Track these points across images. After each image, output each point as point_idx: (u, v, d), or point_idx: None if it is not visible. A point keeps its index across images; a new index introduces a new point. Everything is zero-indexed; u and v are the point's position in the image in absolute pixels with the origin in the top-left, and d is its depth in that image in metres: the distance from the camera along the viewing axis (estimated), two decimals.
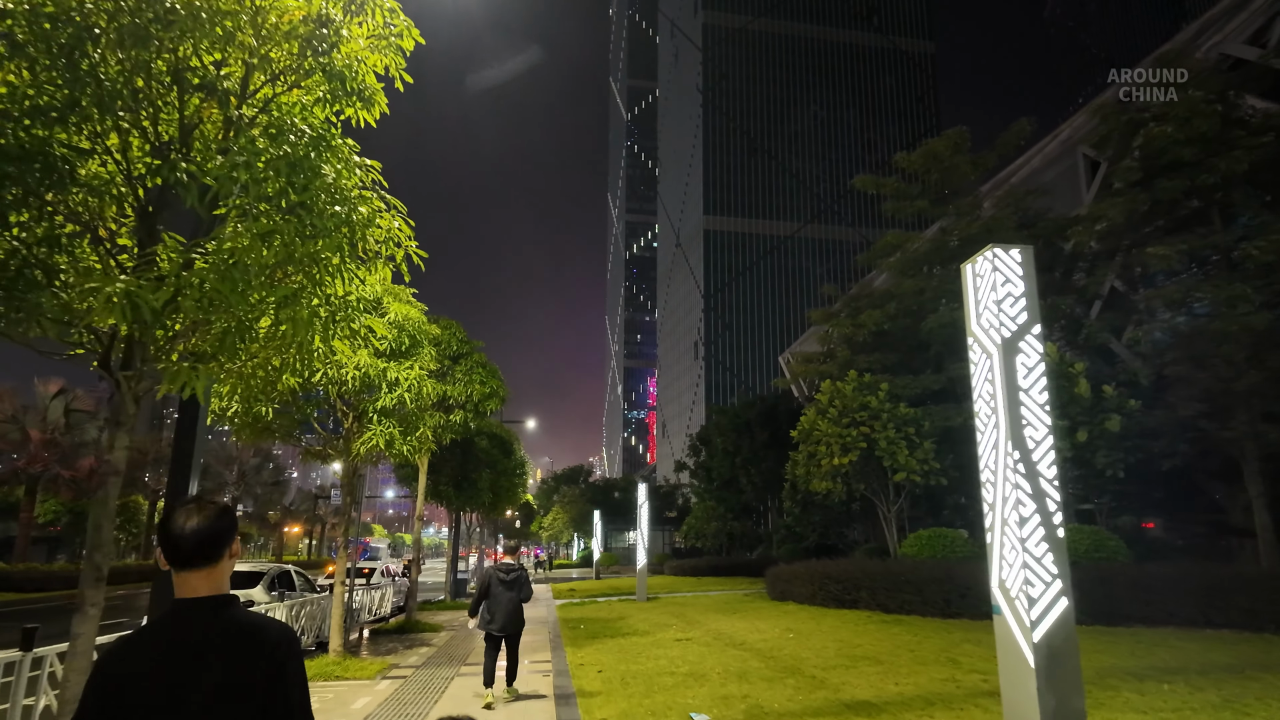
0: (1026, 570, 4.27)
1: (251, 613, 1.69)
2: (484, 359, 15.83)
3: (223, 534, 1.67)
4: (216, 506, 1.71)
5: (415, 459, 10.19)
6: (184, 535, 1.62)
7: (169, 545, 1.62)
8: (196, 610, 1.60)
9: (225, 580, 1.69)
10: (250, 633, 1.60)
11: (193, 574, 1.62)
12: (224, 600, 1.65)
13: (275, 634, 1.62)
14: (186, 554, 1.61)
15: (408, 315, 9.99)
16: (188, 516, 1.65)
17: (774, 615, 13.68)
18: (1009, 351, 4.63)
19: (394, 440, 9.60)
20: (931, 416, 17.08)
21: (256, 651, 1.58)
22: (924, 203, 18.30)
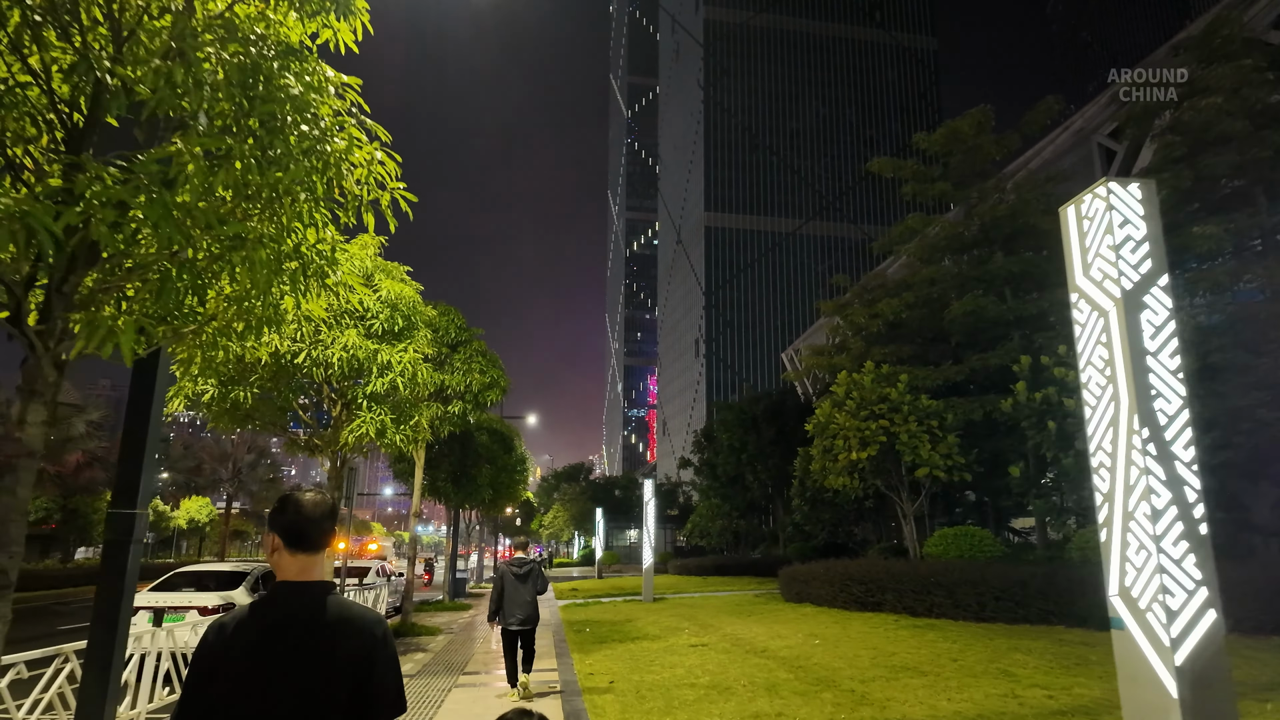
0: (1163, 575, 3.44)
1: (347, 600, 1.77)
2: (484, 347, 14.98)
3: (329, 517, 1.80)
4: (332, 498, 1.84)
5: (410, 451, 9.33)
6: (311, 519, 1.75)
7: (293, 528, 1.73)
8: (298, 593, 1.71)
9: (324, 568, 1.81)
10: (346, 618, 1.70)
11: (306, 557, 1.74)
12: (325, 586, 1.75)
13: (369, 621, 1.73)
14: (311, 538, 1.74)
15: (401, 294, 9.13)
16: (314, 502, 1.78)
17: (793, 619, 12.84)
18: (1132, 306, 3.78)
19: (386, 429, 8.75)
20: (954, 409, 16.24)
21: (351, 636, 1.67)
22: (945, 185, 17.45)
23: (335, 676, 1.63)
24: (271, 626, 1.65)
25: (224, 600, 9.72)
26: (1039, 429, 13.80)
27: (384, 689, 1.68)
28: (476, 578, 33.64)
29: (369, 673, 1.67)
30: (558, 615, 16.38)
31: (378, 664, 1.69)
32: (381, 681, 1.68)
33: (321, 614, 1.68)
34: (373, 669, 1.68)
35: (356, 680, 1.65)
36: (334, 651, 1.65)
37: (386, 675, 1.70)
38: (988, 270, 16.61)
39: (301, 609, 1.68)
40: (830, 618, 12.61)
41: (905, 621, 11.52)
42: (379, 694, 1.67)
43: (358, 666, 1.66)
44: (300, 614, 1.67)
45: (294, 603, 1.69)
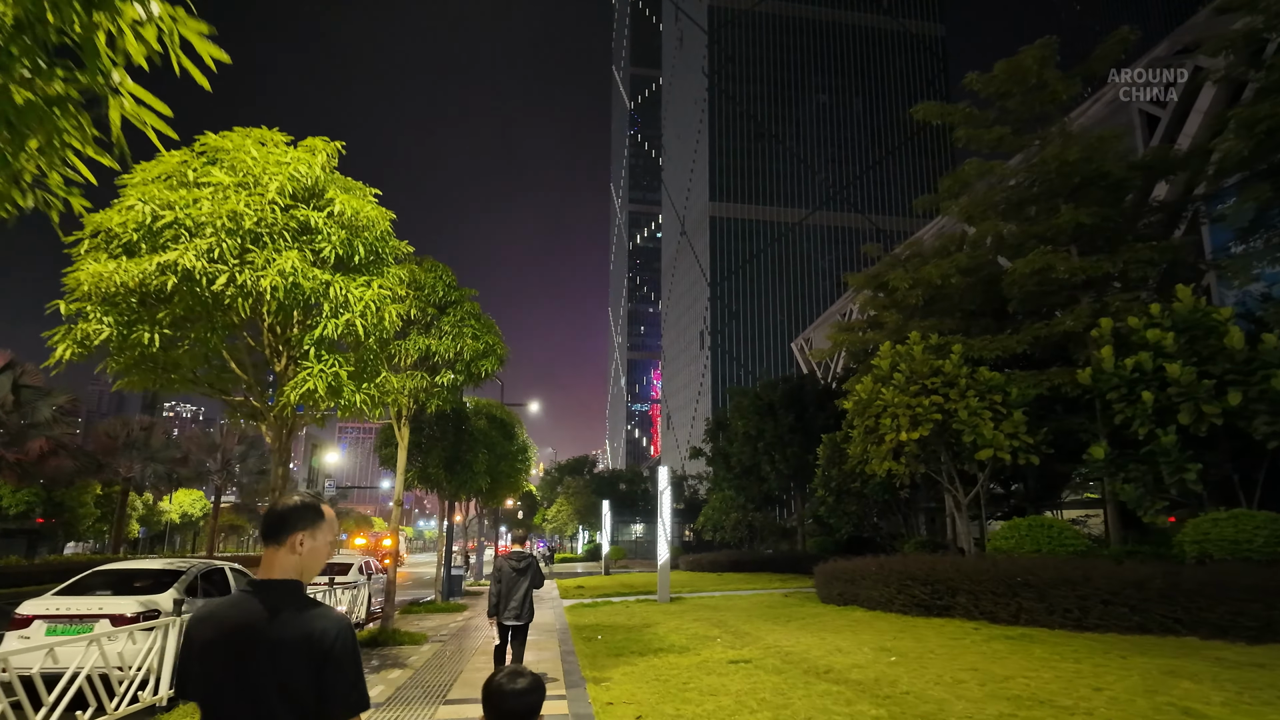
0: None
1: (311, 601, 1.81)
2: (477, 309, 12.92)
3: (286, 518, 1.84)
4: (300, 498, 1.92)
5: (374, 415, 7.26)
6: (271, 512, 1.87)
7: (263, 522, 1.89)
8: (259, 588, 1.78)
9: (295, 567, 1.83)
10: (303, 616, 1.74)
11: (268, 551, 1.83)
12: (288, 584, 1.80)
13: (325, 619, 1.76)
14: (268, 532, 1.84)
15: (360, 212, 7.05)
16: (283, 501, 1.90)
17: (846, 626, 10.78)
18: None
19: (341, 386, 6.68)
20: (1017, 382, 14.16)
21: (303, 632, 1.71)
22: (1004, 130, 15.31)
23: (282, 671, 1.67)
24: (225, 621, 1.72)
25: (146, 606, 7.70)
26: (1129, 402, 11.73)
27: (338, 686, 1.70)
28: (476, 575, 31.63)
29: (323, 669, 1.69)
30: (563, 618, 14.36)
31: (332, 660, 1.71)
32: (335, 678, 1.70)
33: (277, 611, 1.73)
34: (326, 665, 1.70)
35: (313, 675, 1.68)
36: (284, 647, 1.68)
37: (340, 672, 1.71)
38: (1053, 225, 14.50)
39: (254, 604, 1.73)
40: (892, 625, 10.54)
41: (990, 631, 9.45)
42: (334, 691, 1.70)
43: (311, 662, 1.69)
44: (252, 609, 1.72)
45: (250, 598, 1.75)
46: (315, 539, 1.88)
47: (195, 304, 6.24)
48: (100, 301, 6.06)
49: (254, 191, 6.35)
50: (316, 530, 1.88)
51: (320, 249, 6.74)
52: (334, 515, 1.99)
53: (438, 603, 17.73)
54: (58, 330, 6.24)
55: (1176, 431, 11.03)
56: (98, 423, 34.43)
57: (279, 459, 7.25)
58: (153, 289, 6.00)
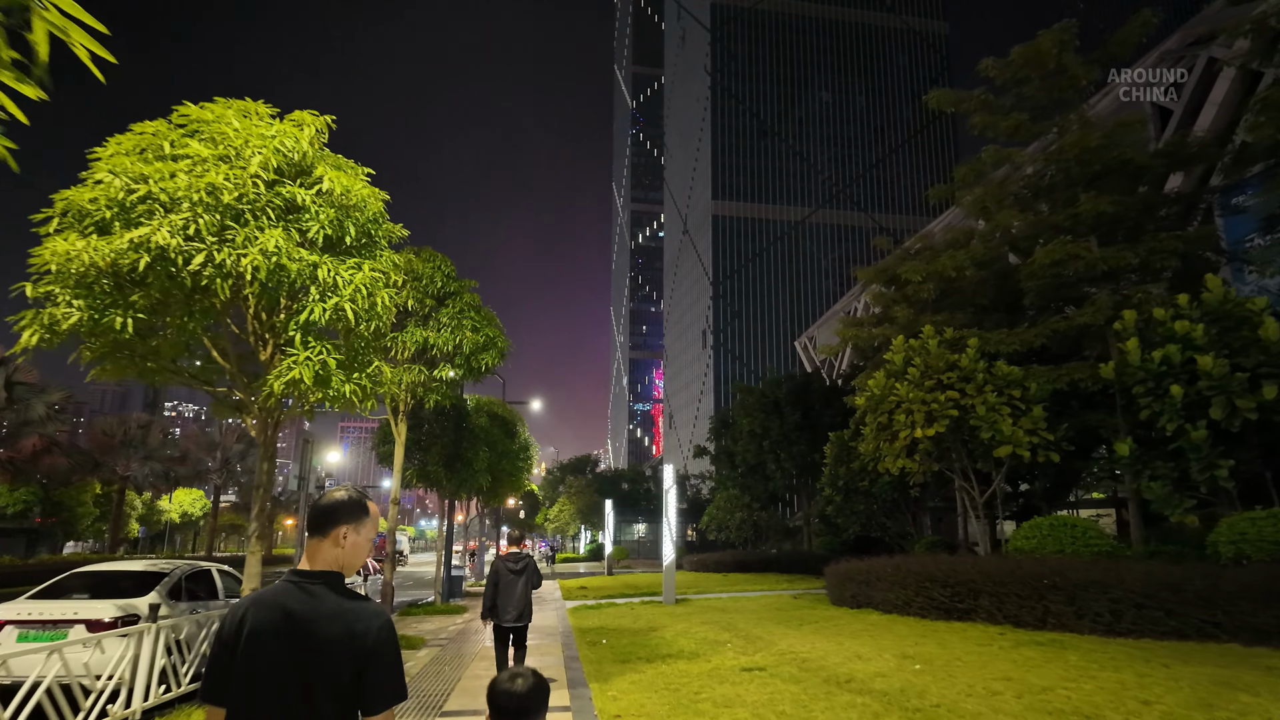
0: None
1: (353, 594, 1.85)
2: (477, 301, 12.47)
3: (331, 512, 1.88)
4: (346, 492, 1.95)
5: (366, 408, 6.80)
6: (315, 506, 1.92)
7: (309, 517, 1.93)
8: (301, 580, 1.81)
9: (336, 560, 1.87)
10: (344, 608, 1.77)
11: (310, 543, 1.88)
12: (330, 576, 1.83)
13: (368, 612, 1.79)
14: (312, 523, 1.89)
15: (351, 191, 6.59)
16: (328, 494, 1.95)
17: (863, 631, 10.31)
18: None
19: (330, 375, 6.22)
20: (1036, 377, 13.67)
21: (344, 625, 1.73)
22: (1021, 116, 14.81)
23: (326, 663, 1.69)
24: (273, 609, 1.74)
25: (125, 611, 7.26)
26: (1157, 396, 11.24)
27: (379, 680, 1.73)
28: (478, 575, 31.19)
29: (365, 663, 1.72)
30: (566, 621, 13.90)
31: (374, 655, 1.73)
32: (376, 673, 1.73)
33: (322, 602, 1.76)
34: (369, 660, 1.72)
35: (355, 669, 1.71)
36: (328, 639, 1.70)
37: (381, 666, 1.74)
38: (1071, 215, 14.02)
39: (299, 595, 1.77)
40: (911, 629, 10.06)
41: (1017, 636, 8.97)
42: (375, 684, 1.72)
43: (354, 656, 1.71)
44: (298, 599, 1.76)
45: (294, 588, 1.79)
46: (359, 533, 1.92)
47: (171, 286, 5.78)
48: (70, 284, 5.61)
49: (235, 165, 5.90)
50: (361, 525, 1.92)
51: (308, 229, 6.28)
52: (378, 511, 2.00)
53: (437, 604, 17.28)
54: (24, 314, 5.79)
55: (1206, 427, 10.55)
56: (95, 420, 34.07)
57: (264, 453, 6.79)
58: (125, 269, 5.55)
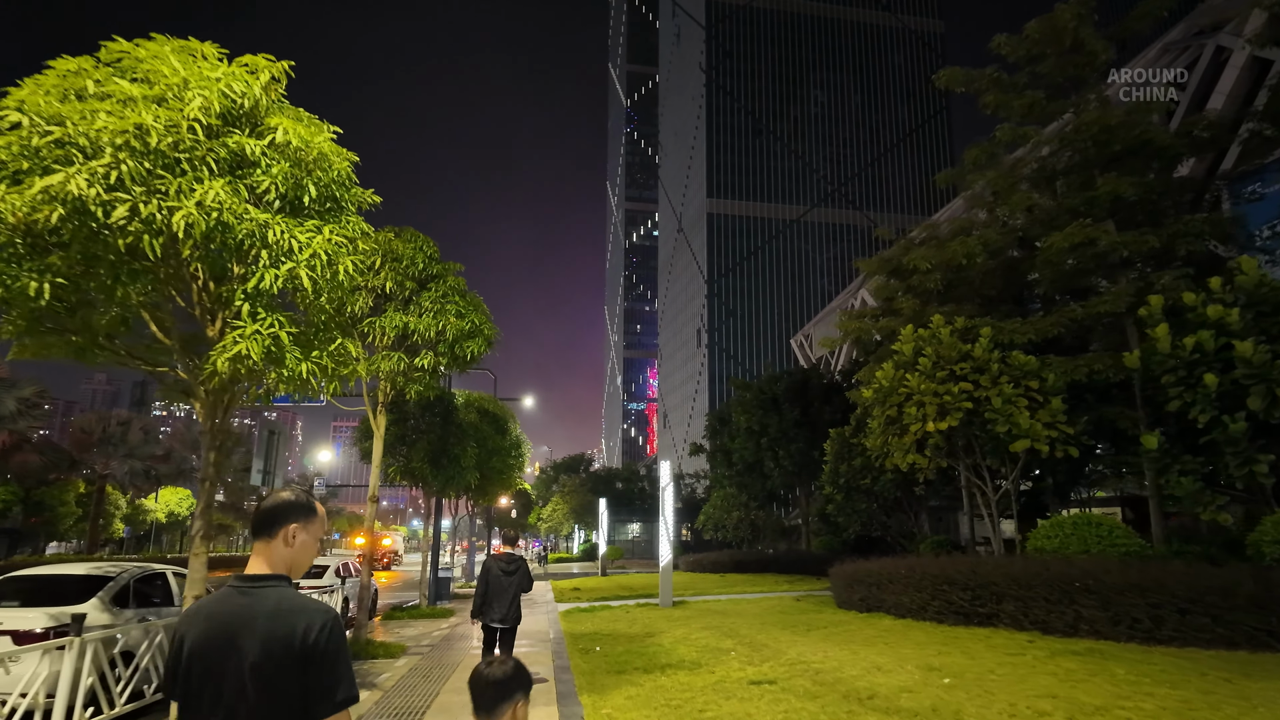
0: None
1: (295, 592, 1.81)
2: (462, 285, 11.65)
3: (279, 511, 1.85)
4: (291, 493, 1.91)
5: (327, 390, 6.00)
6: (260, 509, 1.90)
7: (253, 521, 1.91)
8: (244, 585, 1.77)
9: (286, 560, 1.84)
10: (287, 609, 1.71)
11: (258, 545, 1.84)
12: (269, 579, 1.79)
13: (310, 611, 1.73)
14: (257, 527, 1.86)
15: (311, 144, 5.78)
16: (273, 496, 1.91)
17: (878, 638, 9.56)
18: None
19: (282, 352, 5.41)
20: (1053, 368, 12.97)
21: (288, 626, 1.68)
22: (1037, 94, 14.11)
23: (269, 667, 1.65)
24: (213, 617, 1.71)
25: (58, 620, 6.43)
26: (1188, 386, 10.54)
27: (323, 681, 1.68)
28: (468, 576, 30.36)
29: (307, 664, 1.68)
30: (558, 625, 13.12)
31: (316, 654, 1.68)
32: (320, 674, 1.68)
33: (264, 606, 1.71)
34: (311, 660, 1.68)
35: (299, 670, 1.67)
36: (270, 644, 1.66)
37: (325, 667, 1.69)
38: (1088, 198, 13.33)
39: (241, 600, 1.73)
40: (930, 636, 9.33)
41: (1049, 645, 8.24)
42: (319, 686, 1.68)
43: (296, 657, 1.67)
44: (239, 605, 1.72)
45: (237, 593, 1.75)
46: (307, 532, 1.89)
47: (95, 246, 4.97)
48: None
49: (171, 107, 5.09)
50: (309, 524, 1.90)
51: (259, 184, 5.48)
52: (324, 512, 1.98)
53: (422, 607, 16.47)
54: None
55: (1245, 418, 9.85)
56: (73, 417, 33.05)
57: (209, 442, 5.98)
58: (40, 226, 4.74)
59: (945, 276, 17.23)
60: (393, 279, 10.68)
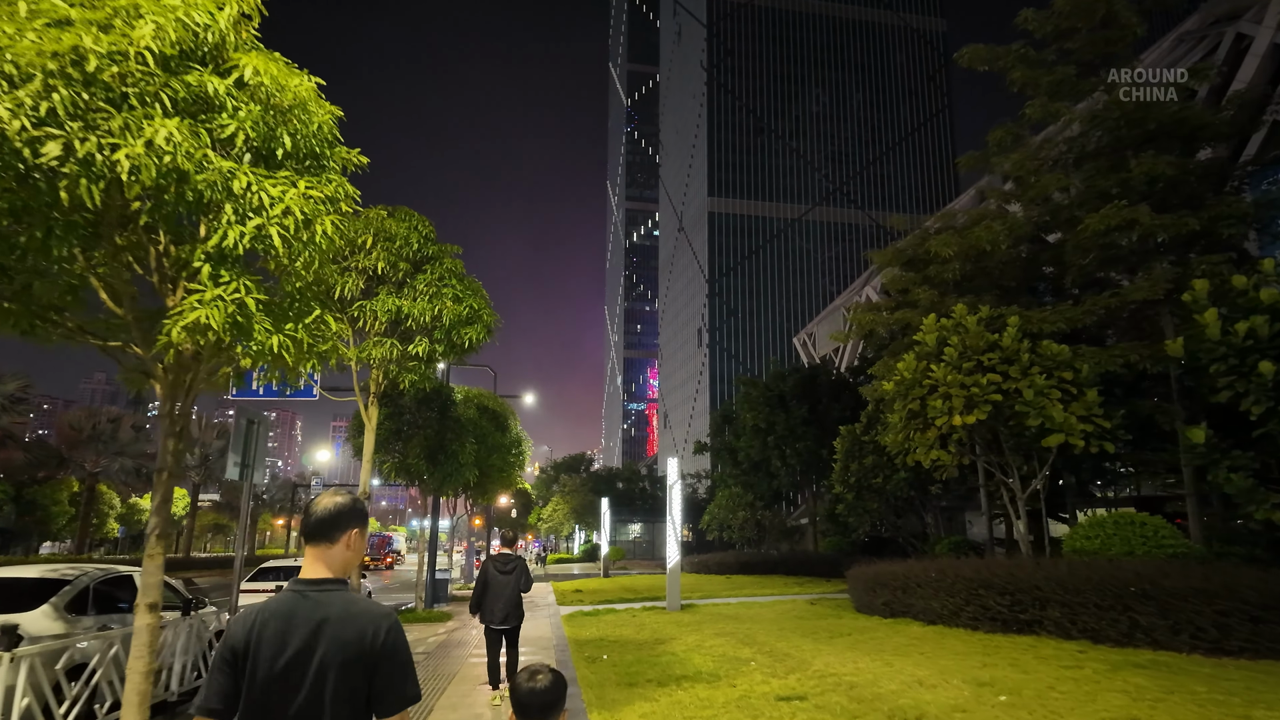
0: None
1: (356, 595, 1.84)
2: (460, 268, 10.91)
3: (341, 516, 1.88)
4: (347, 496, 1.94)
5: (303, 370, 5.24)
6: (312, 515, 1.89)
7: (302, 524, 1.90)
8: (307, 589, 1.80)
9: (345, 564, 1.89)
10: (351, 614, 1.76)
11: (312, 550, 1.87)
12: (331, 583, 1.83)
13: (374, 615, 1.79)
14: (312, 532, 1.87)
15: (286, 87, 5.04)
16: (321, 502, 1.92)
17: (910, 646, 8.81)
18: None
19: (249, 322, 4.66)
20: (1086, 358, 12.24)
21: (353, 630, 1.73)
22: (1067, 69, 13.37)
23: (339, 670, 1.69)
24: (281, 619, 1.73)
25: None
26: (1241, 375, 9.81)
27: (391, 682, 1.75)
28: (467, 577, 29.59)
29: (376, 666, 1.73)
30: (561, 631, 12.38)
31: (385, 657, 1.74)
32: (388, 675, 1.74)
33: (330, 610, 1.75)
34: (380, 662, 1.73)
35: (367, 673, 1.73)
36: (338, 648, 1.71)
37: (394, 668, 1.75)
38: (1123, 179, 12.61)
39: (307, 605, 1.76)
40: (968, 645, 8.58)
41: (1105, 655, 7.50)
42: (387, 687, 1.74)
43: (365, 660, 1.72)
44: (306, 609, 1.75)
45: (302, 598, 1.78)
46: (363, 536, 1.95)
47: (24, 192, 4.23)
48: None
49: (119, 32, 4.34)
50: (364, 527, 1.95)
51: (224, 129, 4.73)
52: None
53: (418, 611, 15.72)
54: None
55: None
56: (62, 414, 32.27)
57: (168, 427, 5.24)
58: None
59: (964, 267, 16.53)
60: (385, 259, 9.95)
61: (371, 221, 10.16)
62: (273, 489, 57.73)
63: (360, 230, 9.99)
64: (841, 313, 59.33)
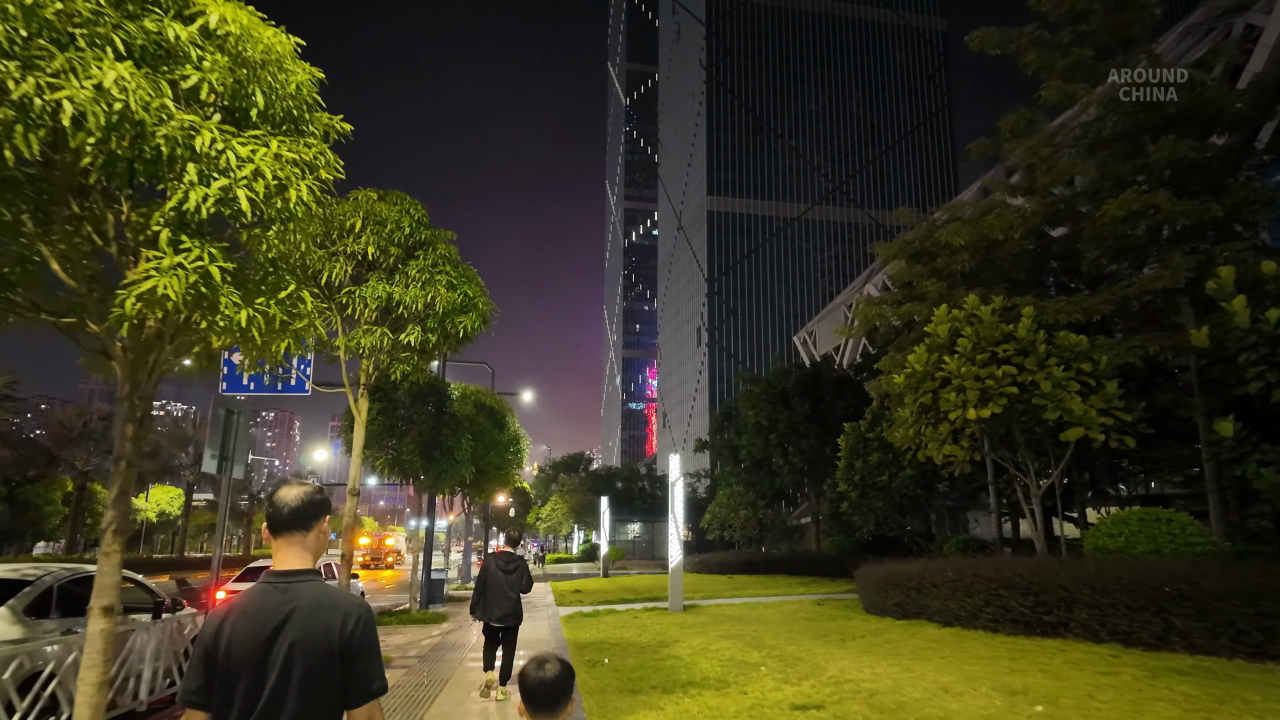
0: None
1: (328, 586, 1.85)
2: (454, 254, 10.43)
3: (315, 505, 1.91)
4: (312, 485, 1.97)
5: (277, 350, 4.76)
6: (276, 504, 1.89)
7: (268, 517, 1.91)
8: (279, 580, 1.81)
9: (316, 551, 1.92)
10: (322, 604, 1.77)
11: (291, 539, 1.87)
12: (304, 574, 1.84)
13: (345, 605, 1.80)
14: (287, 519, 1.87)
15: (257, 39, 4.58)
16: (286, 490, 1.93)
17: (928, 650, 8.36)
18: None
19: (215, 294, 4.20)
20: (1104, 349, 11.80)
21: (323, 620, 1.74)
22: (1083, 52, 12.91)
23: (310, 659, 1.70)
24: (251, 613, 1.74)
25: None
26: (1272, 365, 9.37)
27: (359, 673, 1.75)
28: (464, 577, 29.10)
29: (345, 656, 1.74)
30: (560, 632, 11.92)
31: (354, 647, 1.75)
32: (356, 665, 1.75)
33: (303, 601, 1.75)
34: (348, 652, 1.74)
35: (339, 662, 1.73)
36: (310, 638, 1.71)
37: (362, 659, 1.76)
38: (1141, 164, 12.18)
39: (281, 597, 1.76)
40: (992, 649, 8.12)
41: (1141, 660, 7.04)
42: (356, 677, 1.75)
43: (336, 649, 1.72)
44: (279, 602, 1.75)
45: (275, 590, 1.78)
46: (328, 524, 1.95)
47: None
48: None
49: None
50: (329, 516, 1.96)
51: (187, 78, 4.26)
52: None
53: (413, 612, 15.25)
54: None
55: None
56: (52, 412, 31.70)
57: (126, 411, 4.77)
58: None
59: (973, 259, 16.12)
60: (375, 244, 9.47)
61: (361, 204, 9.69)
62: (269, 488, 57.16)
63: (349, 213, 9.52)
64: (843, 311, 58.86)
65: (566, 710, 1.90)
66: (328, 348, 9.86)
